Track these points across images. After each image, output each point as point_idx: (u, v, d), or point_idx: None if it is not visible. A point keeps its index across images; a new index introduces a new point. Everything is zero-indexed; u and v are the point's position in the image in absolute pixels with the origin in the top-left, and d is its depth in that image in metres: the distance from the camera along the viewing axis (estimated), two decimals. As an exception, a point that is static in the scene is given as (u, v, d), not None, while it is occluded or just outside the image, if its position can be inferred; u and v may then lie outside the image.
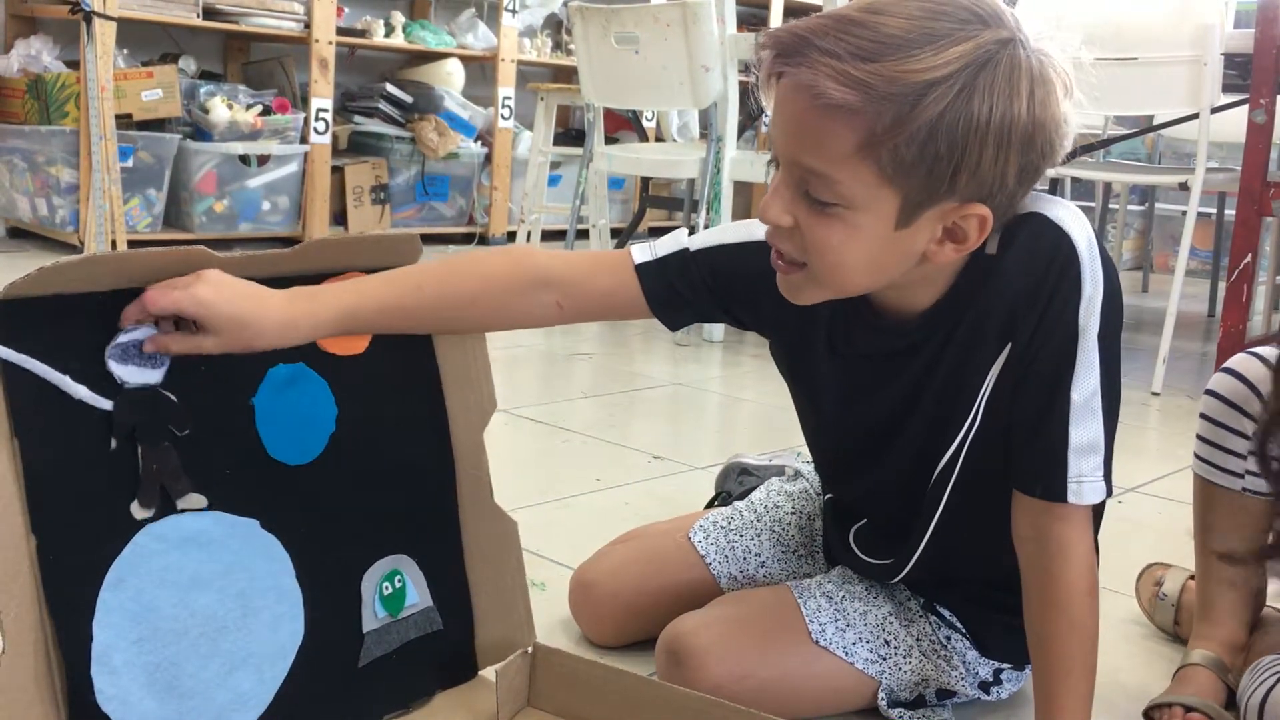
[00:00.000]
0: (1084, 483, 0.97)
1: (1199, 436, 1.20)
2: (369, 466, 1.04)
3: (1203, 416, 1.20)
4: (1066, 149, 0.91)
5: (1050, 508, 0.99)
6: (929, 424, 1.04)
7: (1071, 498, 0.97)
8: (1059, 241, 0.94)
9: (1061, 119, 0.89)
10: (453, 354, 1.11)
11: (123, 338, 0.89)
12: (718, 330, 3.13)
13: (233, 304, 0.90)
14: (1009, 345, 0.98)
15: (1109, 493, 0.99)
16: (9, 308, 0.83)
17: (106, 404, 0.88)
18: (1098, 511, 1.03)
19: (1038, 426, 0.98)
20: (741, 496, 1.40)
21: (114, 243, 3.43)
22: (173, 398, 0.92)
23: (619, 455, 2.04)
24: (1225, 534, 1.19)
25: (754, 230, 1.04)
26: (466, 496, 1.12)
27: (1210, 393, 1.18)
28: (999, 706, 1.19)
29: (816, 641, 1.12)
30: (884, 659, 1.13)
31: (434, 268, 1.02)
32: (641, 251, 1.07)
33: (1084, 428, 0.97)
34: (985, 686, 1.16)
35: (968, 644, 1.14)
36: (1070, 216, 0.95)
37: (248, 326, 0.91)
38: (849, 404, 1.08)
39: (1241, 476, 1.17)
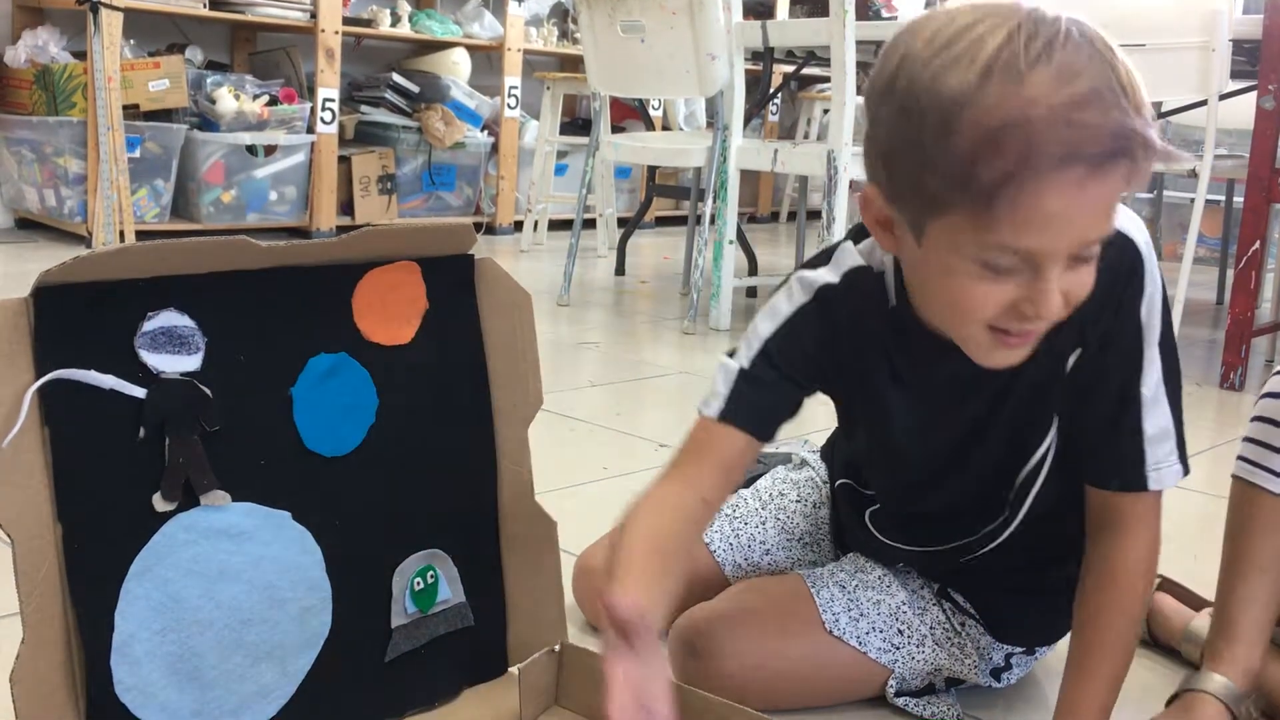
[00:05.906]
0: (1162, 468, 1.00)
1: (1248, 439, 1.13)
2: (409, 460, 1.02)
3: (1256, 419, 1.12)
4: None
5: (1126, 494, 1.00)
6: (1007, 438, 1.04)
7: (1152, 484, 0.99)
8: (1124, 248, 0.96)
9: None
10: (502, 348, 1.08)
11: (148, 325, 0.88)
12: (724, 318, 3.13)
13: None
14: (1078, 350, 0.99)
15: (1186, 471, 1.01)
16: (45, 295, 0.83)
17: (138, 392, 0.87)
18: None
19: (1113, 426, 0.99)
20: (747, 485, 1.40)
21: (122, 234, 3.43)
22: (208, 392, 0.90)
23: (626, 444, 2.04)
24: (1260, 539, 1.13)
25: (779, 307, 1.02)
26: (507, 494, 1.09)
27: (1272, 395, 1.11)
28: (1004, 690, 1.19)
29: (830, 631, 1.13)
30: (897, 648, 1.14)
31: (670, 533, 0.99)
32: (710, 406, 1.01)
33: (1155, 418, 0.99)
34: (996, 673, 1.16)
35: (981, 629, 1.15)
36: (1130, 222, 0.96)
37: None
38: (924, 429, 1.06)
39: None
